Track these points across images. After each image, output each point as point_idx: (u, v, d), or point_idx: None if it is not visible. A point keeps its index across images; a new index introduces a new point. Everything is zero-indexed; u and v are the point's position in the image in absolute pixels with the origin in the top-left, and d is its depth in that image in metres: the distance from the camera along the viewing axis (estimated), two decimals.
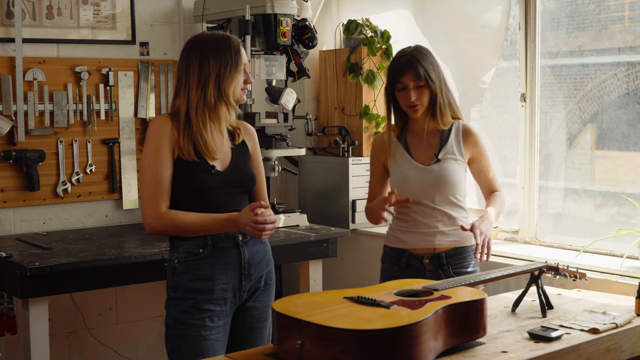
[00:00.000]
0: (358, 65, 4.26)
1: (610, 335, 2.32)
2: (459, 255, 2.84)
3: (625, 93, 3.45)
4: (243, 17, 3.78)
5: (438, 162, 2.84)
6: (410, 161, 2.87)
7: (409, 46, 2.89)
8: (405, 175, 2.87)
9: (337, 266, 4.35)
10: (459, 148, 2.86)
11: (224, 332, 2.57)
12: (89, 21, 3.95)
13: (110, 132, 4.01)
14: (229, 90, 2.54)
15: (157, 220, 2.50)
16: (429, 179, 2.83)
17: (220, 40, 2.55)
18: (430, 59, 2.84)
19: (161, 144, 2.51)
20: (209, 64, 2.52)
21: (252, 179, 2.65)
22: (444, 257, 2.82)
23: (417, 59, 2.80)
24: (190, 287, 2.52)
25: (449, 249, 2.83)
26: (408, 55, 2.82)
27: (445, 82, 2.87)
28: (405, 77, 2.79)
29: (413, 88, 2.79)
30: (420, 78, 2.78)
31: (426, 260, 2.83)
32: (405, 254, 2.87)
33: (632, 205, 3.35)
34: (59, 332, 3.93)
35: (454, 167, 2.85)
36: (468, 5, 3.93)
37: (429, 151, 2.86)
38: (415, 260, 2.85)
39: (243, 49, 2.59)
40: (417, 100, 2.80)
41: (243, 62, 2.57)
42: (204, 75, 2.52)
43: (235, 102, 2.59)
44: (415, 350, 1.92)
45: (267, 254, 2.68)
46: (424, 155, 2.87)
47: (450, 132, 2.87)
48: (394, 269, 2.90)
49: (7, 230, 3.76)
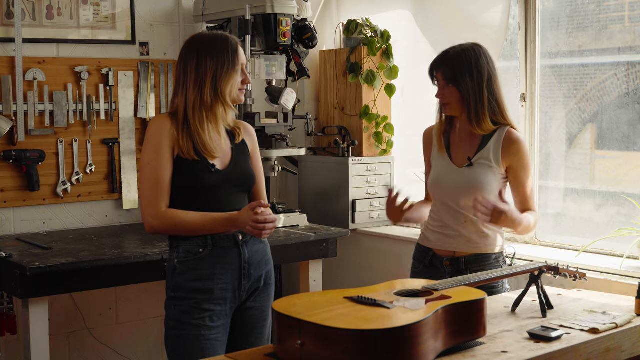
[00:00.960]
0: (358, 65, 4.26)
1: (610, 335, 2.32)
2: (479, 261, 2.79)
3: (625, 93, 3.45)
4: (243, 17, 3.78)
5: (470, 165, 2.79)
6: (447, 160, 2.84)
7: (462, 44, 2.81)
8: (439, 173, 2.85)
9: (337, 266, 4.35)
10: (496, 155, 2.78)
11: (224, 332, 2.57)
12: (89, 21, 3.95)
13: (110, 132, 4.01)
14: (226, 90, 2.54)
15: (157, 219, 2.50)
16: (458, 182, 2.79)
17: (218, 40, 2.55)
18: (473, 60, 2.75)
19: (161, 143, 2.51)
20: (206, 63, 2.52)
21: (252, 178, 2.66)
22: (463, 262, 2.79)
23: (452, 58, 2.76)
24: (190, 287, 2.52)
25: (469, 254, 2.79)
26: (445, 53, 2.79)
27: (489, 86, 2.76)
28: (437, 74, 2.79)
29: (442, 86, 2.78)
30: (446, 79, 2.75)
31: (446, 263, 2.82)
32: (430, 253, 2.87)
33: (632, 205, 3.35)
34: (59, 332, 3.93)
35: (486, 173, 2.77)
36: (468, 5, 3.93)
37: (465, 153, 2.82)
38: (437, 261, 2.85)
39: (241, 49, 2.59)
40: (444, 99, 2.78)
41: (241, 62, 2.58)
42: (201, 75, 2.52)
43: (233, 102, 2.59)
44: (415, 350, 1.92)
45: (266, 253, 2.68)
46: (460, 157, 2.83)
47: (491, 137, 2.79)
48: (420, 266, 2.90)
49: (7, 230, 3.76)
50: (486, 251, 2.80)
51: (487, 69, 2.78)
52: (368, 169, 4.26)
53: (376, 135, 4.29)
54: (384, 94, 4.31)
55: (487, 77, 2.77)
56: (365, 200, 4.25)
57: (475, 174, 2.77)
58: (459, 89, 2.75)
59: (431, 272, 2.82)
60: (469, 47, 2.80)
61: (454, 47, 2.81)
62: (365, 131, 4.29)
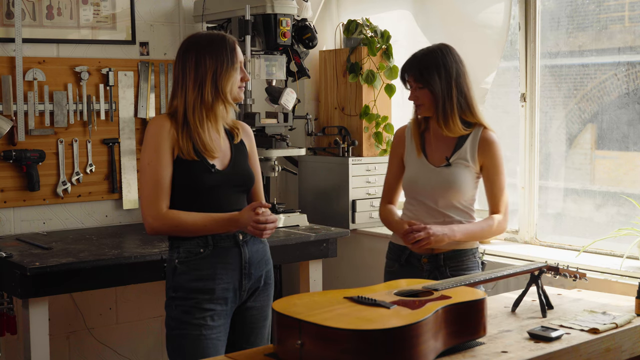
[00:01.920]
0: (358, 65, 4.26)
1: (610, 335, 2.32)
2: (457, 257, 2.82)
3: (625, 93, 3.45)
4: (243, 17, 3.79)
5: (448, 165, 2.81)
6: (423, 160, 2.86)
7: (434, 44, 2.85)
8: (415, 173, 2.86)
9: (337, 266, 4.35)
10: (472, 154, 2.81)
11: (225, 332, 2.58)
12: (89, 21, 3.95)
13: (110, 132, 4.01)
14: (227, 88, 2.54)
15: (157, 220, 2.50)
16: (436, 181, 2.81)
17: (215, 39, 2.56)
18: (439, 59, 2.77)
19: (161, 144, 2.51)
20: (206, 62, 2.52)
21: (252, 177, 2.66)
22: (442, 258, 2.81)
23: (420, 60, 2.79)
24: (191, 287, 2.52)
25: (448, 250, 2.81)
26: (413, 57, 2.82)
27: (458, 83, 2.78)
28: (408, 77, 2.82)
29: (414, 88, 2.81)
30: (418, 80, 2.78)
31: (424, 260, 2.83)
32: (406, 252, 2.87)
33: (632, 205, 3.35)
34: (59, 332, 3.93)
35: (464, 172, 2.80)
36: (468, 5, 3.93)
37: (442, 153, 2.84)
38: (414, 259, 2.85)
39: (238, 47, 2.60)
40: (417, 101, 2.81)
41: (239, 60, 2.58)
42: (200, 74, 2.52)
43: (233, 100, 2.60)
44: (415, 350, 1.92)
45: (266, 253, 2.68)
46: (437, 157, 2.85)
47: (467, 137, 2.82)
48: (395, 265, 2.91)
49: (7, 230, 3.76)
50: (464, 247, 2.83)
51: (454, 67, 2.80)
52: (368, 169, 4.26)
53: (376, 135, 4.29)
54: (384, 94, 4.31)
55: (455, 74, 2.79)
56: (365, 200, 4.25)
57: (453, 174, 2.80)
58: (429, 89, 2.78)
59: (408, 270, 2.84)
60: (435, 47, 2.84)
61: (422, 50, 2.85)
62: (365, 131, 4.29)
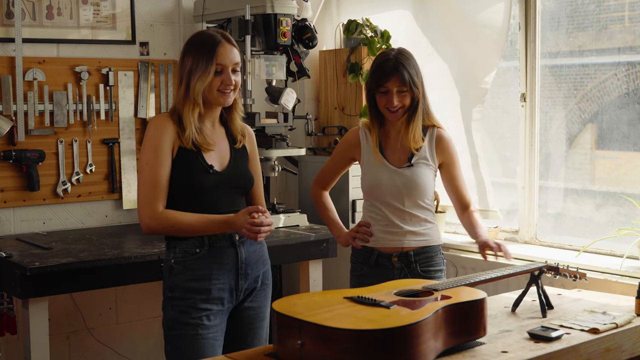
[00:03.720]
0: (358, 65, 4.26)
1: (610, 335, 2.32)
2: (427, 254, 2.87)
3: (625, 93, 3.45)
4: (243, 17, 3.78)
5: (410, 166, 2.85)
6: (384, 163, 2.87)
7: (393, 49, 2.88)
8: (377, 176, 2.88)
9: (337, 266, 4.35)
10: (431, 153, 2.87)
11: (221, 332, 2.57)
12: (89, 21, 3.95)
13: (110, 132, 4.01)
14: (196, 90, 2.50)
15: (153, 220, 2.50)
16: (400, 183, 2.85)
17: (204, 39, 2.54)
18: (414, 63, 2.82)
19: (160, 144, 2.51)
20: (186, 61, 2.53)
21: (250, 180, 2.66)
22: (412, 255, 2.85)
23: (403, 64, 2.78)
24: (187, 287, 2.52)
25: (417, 248, 2.85)
26: (394, 60, 2.79)
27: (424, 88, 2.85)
28: (389, 82, 2.78)
29: (396, 93, 2.78)
30: (405, 84, 2.77)
31: (395, 259, 2.86)
32: (374, 253, 2.90)
33: (632, 205, 3.35)
34: (59, 332, 3.93)
35: (426, 172, 2.86)
36: (468, 5, 3.93)
37: (402, 154, 2.87)
38: (383, 259, 2.88)
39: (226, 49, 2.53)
40: (400, 105, 2.80)
41: (218, 63, 2.51)
42: (181, 72, 2.55)
43: (215, 104, 2.57)
44: (415, 350, 1.92)
45: (263, 254, 2.68)
46: (396, 158, 2.88)
47: (424, 138, 2.87)
48: (363, 268, 2.94)
49: (7, 230, 3.76)
50: (432, 243, 2.89)
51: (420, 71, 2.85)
52: None
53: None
54: None
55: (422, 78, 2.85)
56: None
57: (416, 174, 2.84)
58: (412, 94, 2.79)
59: (377, 272, 2.87)
60: (404, 51, 2.85)
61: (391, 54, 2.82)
62: None
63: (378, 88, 2.81)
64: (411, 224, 2.86)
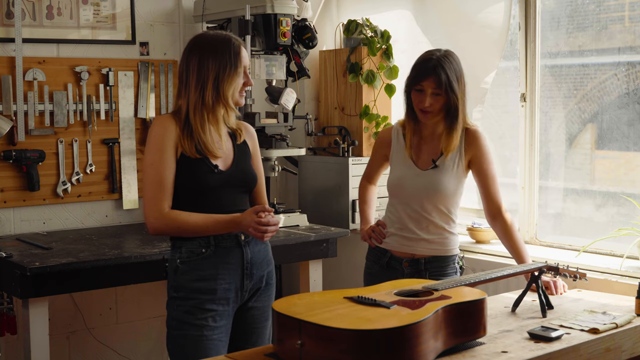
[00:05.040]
0: (358, 65, 4.26)
1: (610, 335, 2.32)
2: (438, 263, 2.82)
3: (625, 93, 3.45)
4: (243, 17, 3.79)
5: (435, 168, 2.81)
6: (410, 163, 2.85)
7: (440, 49, 2.82)
8: (401, 176, 2.86)
9: (337, 266, 4.35)
10: (459, 151, 2.81)
11: (226, 332, 2.57)
12: (89, 21, 3.95)
13: (110, 132, 4.01)
14: (228, 93, 2.53)
15: (159, 220, 2.50)
16: (421, 185, 2.81)
17: (221, 41, 2.54)
18: (456, 68, 2.76)
19: (164, 144, 2.51)
20: (208, 65, 2.51)
21: (254, 178, 2.66)
22: (423, 263, 2.82)
23: (444, 66, 2.73)
24: (192, 287, 2.52)
25: (429, 256, 2.82)
26: (435, 60, 2.74)
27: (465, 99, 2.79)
28: (426, 81, 2.74)
29: (430, 94, 2.74)
30: (441, 86, 2.72)
31: (405, 264, 2.84)
32: (387, 254, 2.88)
33: (632, 205, 3.35)
34: (59, 332, 3.93)
35: (450, 176, 2.80)
36: (468, 4, 3.93)
37: (430, 157, 2.83)
38: (395, 262, 2.86)
39: (244, 50, 2.58)
40: (430, 107, 2.75)
41: (243, 65, 2.56)
42: (202, 77, 2.51)
43: (235, 105, 2.58)
44: (415, 350, 1.92)
45: (268, 253, 2.68)
46: (424, 160, 2.84)
47: None
48: (375, 267, 2.92)
49: (7, 230, 3.76)
50: (445, 253, 2.83)
51: (463, 76, 2.80)
52: None
53: (376, 135, 4.29)
54: (384, 94, 4.31)
55: (464, 86, 2.80)
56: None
57: (439, 178, 2.79)
58: (447, 97, 2.74)
59: (388, 273, 2.84)
60: (449, 54, 2.80)
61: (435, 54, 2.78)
62: (365, 131, 4.29)
63: (414, 85, 2.77)
64: (426, 231, 2.81)
